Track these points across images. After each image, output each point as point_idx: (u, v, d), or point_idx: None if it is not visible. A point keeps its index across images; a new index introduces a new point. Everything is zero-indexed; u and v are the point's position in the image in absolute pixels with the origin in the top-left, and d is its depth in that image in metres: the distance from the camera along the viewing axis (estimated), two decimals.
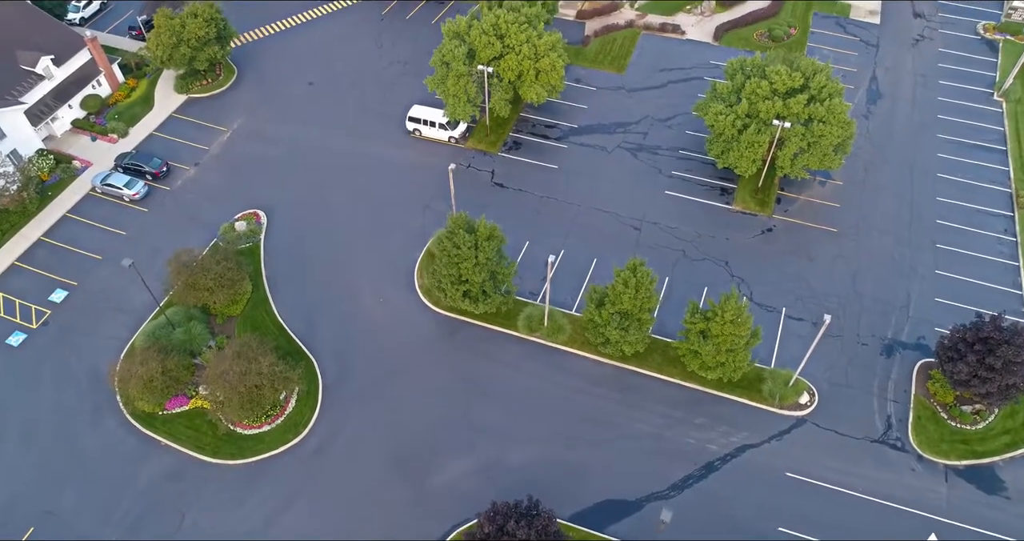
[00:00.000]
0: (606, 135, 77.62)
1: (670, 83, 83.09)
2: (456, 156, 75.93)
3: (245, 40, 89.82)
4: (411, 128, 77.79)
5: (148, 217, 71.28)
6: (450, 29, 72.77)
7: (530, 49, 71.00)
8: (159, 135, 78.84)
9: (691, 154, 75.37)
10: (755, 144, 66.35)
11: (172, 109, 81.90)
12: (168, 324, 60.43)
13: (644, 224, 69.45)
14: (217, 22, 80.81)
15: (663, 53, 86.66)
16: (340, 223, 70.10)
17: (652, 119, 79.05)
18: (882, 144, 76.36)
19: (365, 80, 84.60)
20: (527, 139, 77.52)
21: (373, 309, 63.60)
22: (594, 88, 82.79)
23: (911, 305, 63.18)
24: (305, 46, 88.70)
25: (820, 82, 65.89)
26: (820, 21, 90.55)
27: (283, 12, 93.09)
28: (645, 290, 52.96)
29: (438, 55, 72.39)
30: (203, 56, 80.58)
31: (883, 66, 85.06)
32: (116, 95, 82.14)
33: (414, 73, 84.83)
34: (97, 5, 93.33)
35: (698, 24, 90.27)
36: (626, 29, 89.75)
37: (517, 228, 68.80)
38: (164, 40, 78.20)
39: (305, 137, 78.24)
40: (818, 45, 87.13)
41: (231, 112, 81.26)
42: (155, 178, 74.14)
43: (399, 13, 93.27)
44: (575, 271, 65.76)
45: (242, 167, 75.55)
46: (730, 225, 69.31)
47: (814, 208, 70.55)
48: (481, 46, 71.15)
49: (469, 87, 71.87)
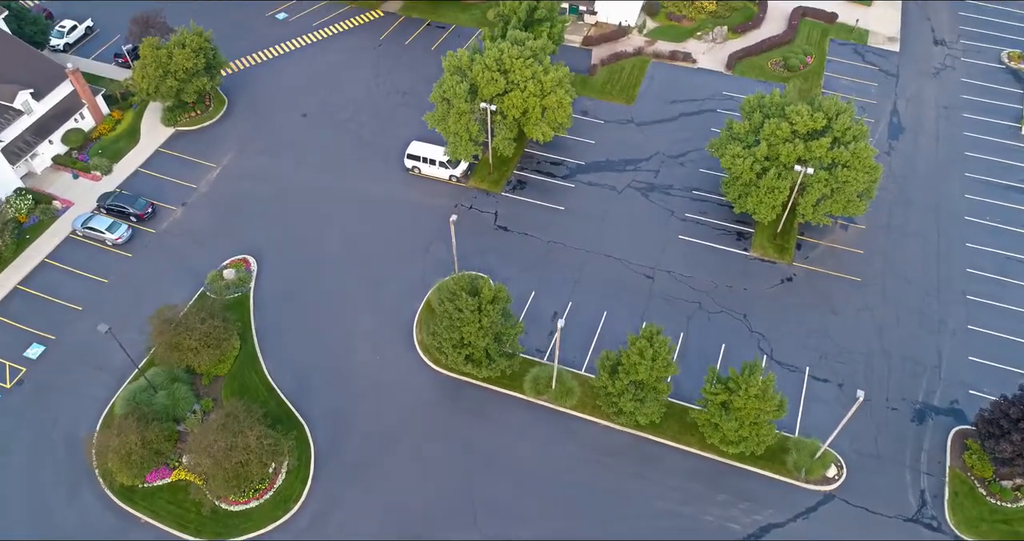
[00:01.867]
0: (615, 173, 73.72)
1: (682, 116, 79.20)
2: (457, 196, 72.05)
3: (237, 67, 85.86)
4: (410, 165, 73.88)
5: (132, 263, 67.32)
6: (451, 63, 68.82)
7: (536, 86, 67.07)
8: (145, 172, 74.85)
9: (705, 195, 71.50)
10: (775, 190, 62.50)
11: (159, 143, 77.90)
12: (149, 387, 56.43)
13: (657, 272, 65.55)
14: (206, 52, 76.83)
15: (674, 83, 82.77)
16: (334, 270, 66.17)
17: (663, 156, 75.15)
18: (906, 183, 72.51)
19: (362, 111, 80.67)
20: (532, 177, 73.61)
21: (369, 367, 59.68)
22: (602, 121, 78.88)
23: (943, 364, 59.33)
24: (299, 74, 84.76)
25: (844, 123, 62.06)
26: (837, 48, 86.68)
27: (277, 38, 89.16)
28: (663, 360, 49.08)
29: (438, 91, 68.44)
30: (191, 88, 76.61)
31: (904, 97, 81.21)
32: (100, 128, 78.13)
33: (413, 104, 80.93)
34: (82, 30, 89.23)
35: (710, 52, 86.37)
36: (635, 57, 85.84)
37: (522, 276, 65.02)
38: (150, 72, 74.21)
39: (298, 174, 74.31)
40: (836, 75, 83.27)
41: (221, 146, 77.29)
42: (139, 220, 70.20)
43: (397, 38, 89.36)
44: (584, 325, 61.88)
45: (232, 207, 71.59)
46: (748, 274, 65.43)
47: (836, 255, 66.68)
48: (484, 82, 67.21)
49: (471, 125, 67.96)
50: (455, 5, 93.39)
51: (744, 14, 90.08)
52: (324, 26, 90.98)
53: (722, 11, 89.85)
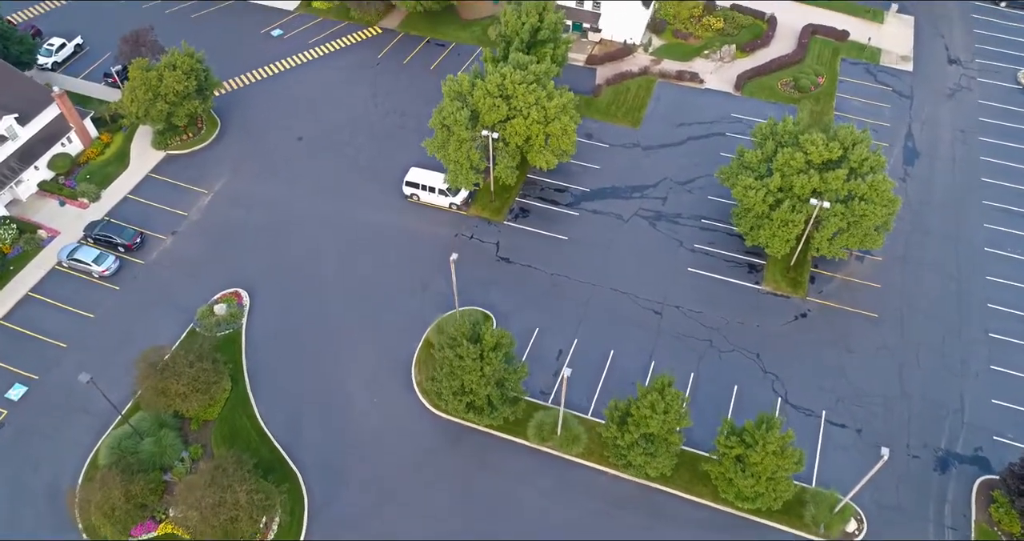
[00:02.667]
0: (621, 201, 71.13)
1: (689, 139, 76.61)
2: (457, 225, 69.46)
3: (231, 86, 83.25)
4: (408, 193, 71.25)
5: (119, 296, 64.70)
6: (451, 89, 66.21)
7: (539, 112, 64.47)
8: (134, 198, 72.21)
9: (715, 224, 68.93)
10: (789, 223, 59.95)
11: (149, 168, 75.26)
12: (135, 434, 53.81)
13: (666, 307, 62.96)
14: (198, 73, 74.22)
15: (681, 104, 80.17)
16: (330, 305, 63.56)
17: (671, 182, 72.57)
18: (922, 212, 69.96)
19: (359, 134, 78.07)
20: (535, 205, 71.01)
21: (366, 411, 57.09)
22: (607, 145, 76.30)
23: (965, 408, 56.78)
24: (294, 94, 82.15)
25: (861, 154, 59.51)
26: (849, 68, 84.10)
27: (272, 55, 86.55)
28: (675, 413, 46.45)
29: (438, 117, 65.83)
30: (182, 111, 74.01)
31: (919, 120, 78.64)
32: (88, 152, 75.50)
33: (412, 126, 78.36)
34: (71, 49, 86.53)
35: (717, 71, 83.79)
36: (640, 77, 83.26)
37: (525, 311, 62.49)
38: (139, 95, 71.61)
39: (293, 201, 71.70)
40: (848, 96, 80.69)
41: (213, 171, 74.67)
42: (127, 250, 67.56)
43: (395, 56, 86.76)
44: (590, 365, 59.31)
45: (224, 236, 68.98)
46: (760, 309, 62.86)
47: (852, 289, 64.11)
48: (485, 109, 64.62)
49: (472, 153, 65.36)
50: (455, 22, 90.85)
51: (753, 32, 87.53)
52: (321, 43, 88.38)
53: (730, 29, 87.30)
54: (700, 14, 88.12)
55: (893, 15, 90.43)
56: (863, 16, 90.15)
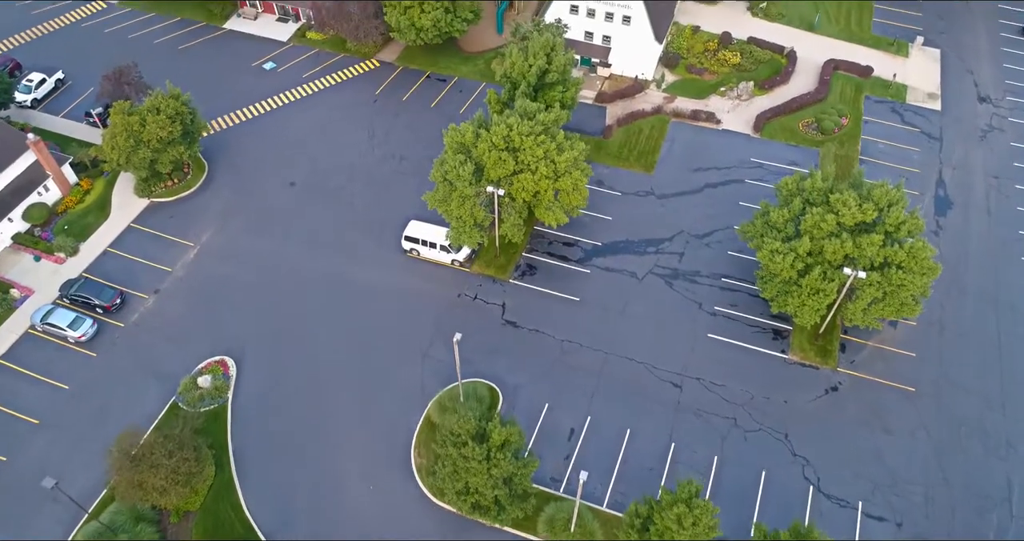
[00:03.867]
0: (635, 256, 66.54)
1: (707, 187, 72.03)
2: (460, 284, 64.88)
3: (220, 125, 78.64)
4: (408, 247, 66.64)
5: (96, 365, 60.13)
6: (453, 139, 61.55)
7: (548, 167, 59.85)
8: (114, 252, 67.60)
9: (736, 283, 64.38)
10: (820, 292, 55.35)
11: (131, 217, 70.66)
12: (108, 530, 49.18)
13: (685, 380, 58.39)
14: (183, 117, 69.59)
15: (697, 147, 75.58)
16: (322, 375, 59.03)
17: (688, 235, 68.00)
18: (958, 269, 65.40)
19: (355, 179, 73.49)
20: (543, 261, 66.42)
21: (362, 500, 52.50)
22: (619, 193, 71.73)
23: (1013, 497, 52.26)
24: (287, 134, 77.57)
25: (897, 217, 54.92)
26: (873, 107, 79.50)
27: (264, 91, 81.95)
28: (705, 527, 41.82)
29: (439, 170, 61.22)
30: (166, 158, 69.42)
31: (950, 165, 74.08)
32: (67, 201, 70.91)
33: (411, 170, 73.81)
34: (52, 83, 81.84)
35: (734, 110, 79.17)
36: (653, 116, 78.63)
37: (533, 384, 58.02)
38: (120, 142, 66.99)
39: (284, 255, 67.14)
40: (873, 138, 76.11)
41: (200, 221, 70.05)
42: (106, 312, 62.91)
43: (394, 92, 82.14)
44: (605, 447, 54.81)
45: (210, 295, 64.40)
46: (787, 381, 58.32)
47: (885, 358, 59.55)
48: (490, 163, 60.01)
49: (476, 211, 60.74)
50: (456, 56, 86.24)
51: (771, 67, 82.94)
52: (316, 78, 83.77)
53: (747, 64, 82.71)
54: (715, 48, 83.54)
55: (918, 48, 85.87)
56: (887, 49, 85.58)
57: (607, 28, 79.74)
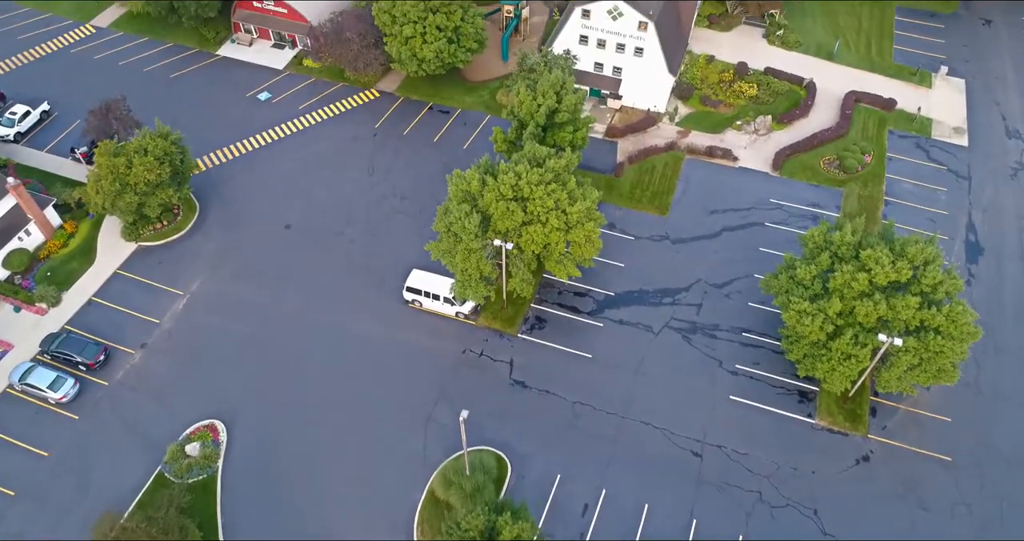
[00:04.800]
0: (650, 308, 62.84)
1: (724, 231, 68.34)
2: (465, 338, 61.22)
3: (212, 161, 74.94)
4: (409, 298, 62.94)
5: (78, 428, 56.51)
6: (458, 187, 57.84)
7: (559, 218, 56.14)
8: (99, 302, 63.92)
9: (758, 338, 60.72)
10: (852, 357, 51.67)
11: (118, 263, 66.99)
12: None
13: (706, 447, 54.72)
14: (172, 157, 65.87)
15: (713, 186, 71.89)
16: (320, 442, 55.47)
17: (706, 284, 64.32)
18: (993, 324, 61.70)
19: (354, 221, 69.81)
20: (553, 313, 62.74)
21: None
22: (632, 237, 68.05)
23: None
24: (283, 171, 73.90)
25: (934, 276, 51.24)
26: (897, 143, 75.81)
27: (258, 124, 78.29)
28: None
29: (443, 220, 57.54)
30: (155, 201, 65.74)
31: (980, 207, 70.40)
32: (49, 245, 67.20)
33: (412, 211, 70.15)
34: (36, 116, 78.13)
35: (752, 146, 75.45)
36: (667, 153, 74.87)
37: (544, 452, 54.54)
38: (105, 186, 63.32)
39: (279, 305, 63.48)
40: (899, 177, 72.43)
41: (190, 267, 66.38)
42: (89, 369, 59.22)
43: (395, 126, 78.45)
44: (621, 523, 51.34)
45: (199, 351, 60.74)
46: (815, 449, 54.67)
47: (919, 423, 55.89)
48: (498, 215, 56.31)
49: (482, 264, 57.04)
50: (459, 85, 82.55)
51: (790, 100, 79.22)
52: (313, 109, 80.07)
53: (764, 96, 79.02)
54: (731, 79, 79.81)
55: (942, 78, 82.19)
56: (909, 80, 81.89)
57: (618, 59, 76.09)
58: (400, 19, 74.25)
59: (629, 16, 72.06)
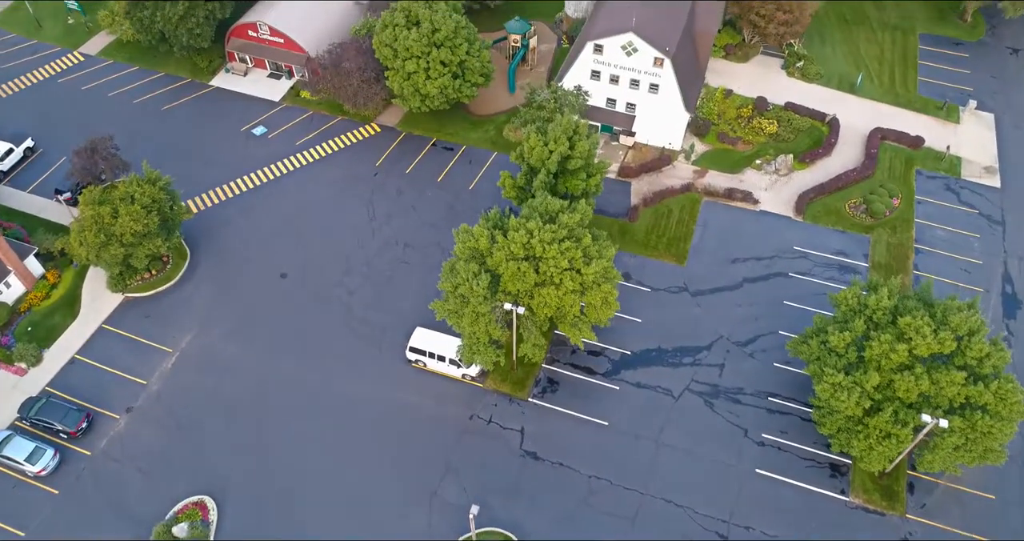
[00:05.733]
0: (669, 368, 59.08)
1: (746, 282, 64.55)
2: (472, 402, 57.51)
3: (204, 203, 71.13)
4: (413, 358, 59.11)
5: (57, 504, 52.82)
6: (465, 244, 53.99)
7: (574, 280, 52.29)
8: (82, 360, 60.19)
9: (785, 404, 56.98)
10: (892, 437, 47.85)
11: (103, 316, 63.22)
12: None
13: (732, 529, 50.96)
14: (161, 204, 62.01)
15: (733, 232, 68.08)
16: (315, 521, 51.72)
17: (728, 342, 60.53)
18: None
19: (353, 270, 66.00)
20: (566, 375, 58.97)
21: None
22: (648, 289, 64.26)
23: None
24: (279, 214, 70.13)
25: (980, 349, 47.54)
26: (926, 184, 71.99)
27: (253, 161, 74.51)
28: None
29: (449, 280, 53.71)
30: (142, 252, 61.90)
31: (1016, 255, 66.63)
32: (31, 297, 63.44)
33: (416, 260, 66.40)
34: (20, 153, 74.30)
35: (773, 187, 71.61)
36: (683, 194, 71.02)
37: (558, 533, 50.95)
38: (89, 238, 59.48)
39: (273, 364, 59.76)
40: (928, 222, 68.67)
41: (180, 321, 62.62)
42: (71, 437, 55.39)
43: (397, 164, 74.64)
44: None
45: (189, 416, 57.07)
46: (850, 530, 51.12)
47: (961, 502, 52.16)
48: (508, 275, 52.49)
49: (492, 328, 53.21)
50: (464, 119, 78.69)
51: (812, 137, 75.36)
52: (310, 145, 76.23)
53: (785, 133, 75.11)
54: (750, 114, 75.93)
55: (971, 112, 78.35)
56: (935, 114, 78.07)
57: (632, 95, 72.27)
58: (402, 53, 70.37)
59: (644, 52, 68.24)
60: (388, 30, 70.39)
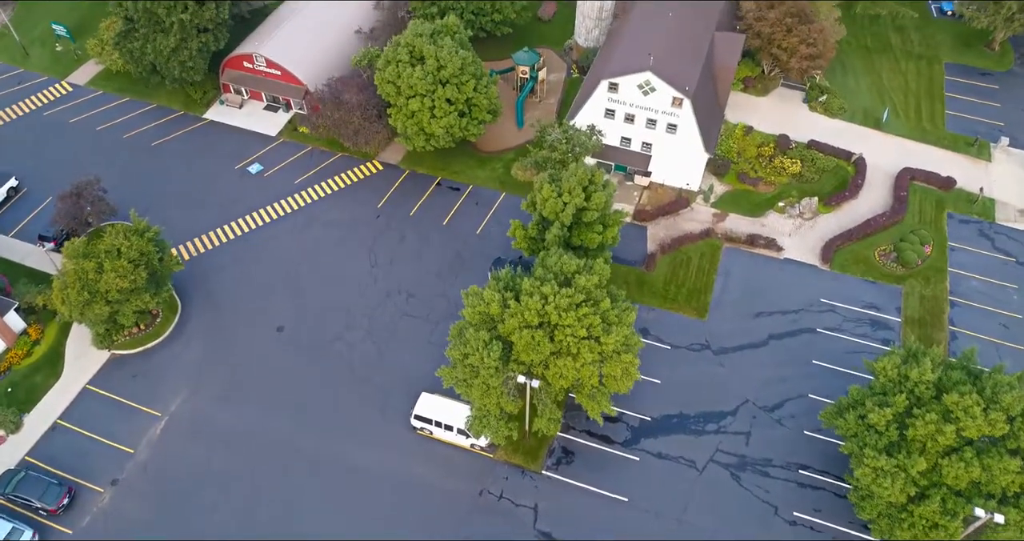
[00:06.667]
0: (692, 437, 55.31)
1: (771, 339, 60.78)
2: (481, 476, 53.75)
3: (196, 248, 67.36)
4: (418, 426, 55.32)
5: None
6: (475, 308, 50.17)
7: (593, 351, 48.46)
8: (65, 426, 56.48)
9: (817, 478, 53.25)
10: (940, 528, 43.99)
11: (88, 376, 59.52)
12: None
13: None
14: (150, 257, 58.17)
15: (756, 282, 64.33)
16: None
17: (754, 406, 56.77)
18: None
19: (354, 324, 62.25)
20: (581, 444, 55.24)
21: None
22: (668, 346, 60.48)
23: None
24: (275, 261, 66.39)
25: None
26: (958, 228, 68.21)
27: (248, 203, 70.79)
28: None
29: (458, 347, 49.90)
30: (129, 309, 58.04)
31: None
32: (11, 356, 59.77)
33: (421, 313, 62.66)
34: (3, 193, 70.60)
35: (797, 232, 67.80)
36: (702, 240, 67.22)
37: None
38: (71, 296, 55.62)
39: (269, 430, 56.09)
40: (963, 272, 64.90)
41: (169, 381, 58.94)
42: (51, 515, 51.57)
43: (400, 205, 70.84)
44: None
45: (178, 489, 53.44)
46: None
47: None
48: (522, 345, 48.68)
49: (503, 401, 49.40)
50: (470, 156, 74.87)
51: (837, 177, 71.55)
52: (309, 184, 72.48)
53: (809, 174, 71.24)
54: (771, 153, 72.09)
55: (1003, 149, 74.60)
56: (966, 151, 74.30)
57: (648, 134, 68.49)
58: (406, 91, 66.53)
59: (662, 91, 64.45)
60: (391, 67, 66.56)
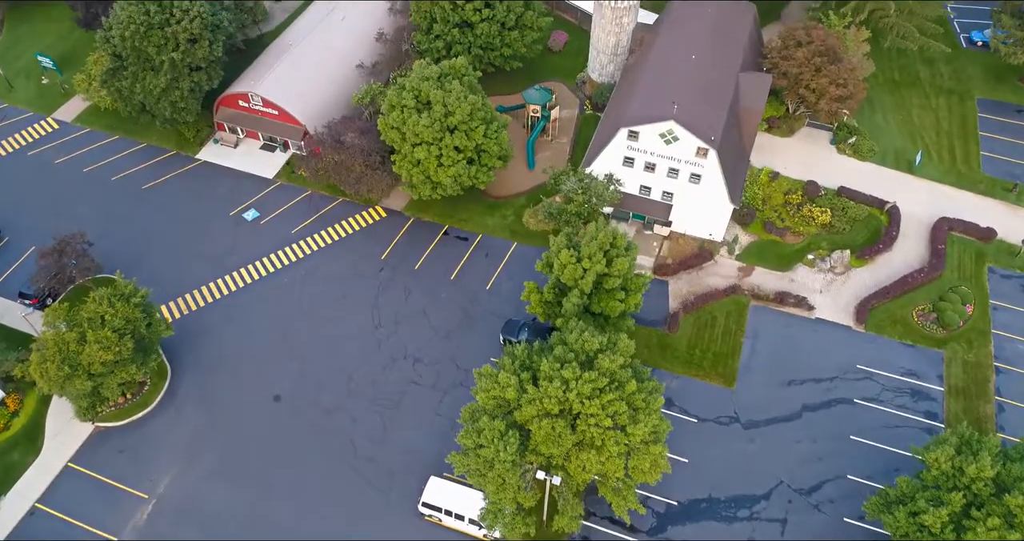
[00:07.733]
0: (723, 525, 51.17)
1: (805, 411, 56.59)
2: None
3: (187, 306, 63.13)
4: (427, 512, 51.02)
5: None
6: (489, 394, 45.98)
7: (619, 443, 44.18)
8: (44, 510, 52.41)
9: None
10: None
11: (70, 453, 55.47)
12: None
13: None
14: (137, 324, 53.88)
15: (787, 346, 60.16)
16: None
17: (789, 489, 52.55)
18: None
19: (356, 393, 58.08)
20: (604, 533, 51.04)
21: None
22: (694, 419, 56.26)
23: None
24: (271, 321, 62.24)
25: None
26: (1000, 285, 64.08)
27: (244, 254, 66.84)
28: None
29: (470, 435, 45.73)
30: (113, 382, 53.79)
31: None
32: None
33: (428, 381, 58.63)
34: None
35: (829, 288, 63.58)
36: (727, 297, 62.97)
37: None
38: (51, 371, 51.34)
39: (264, 513, 52.08)
40: (1008, 334, 60.81)
41: (157, 458, 54.80)
42: None
43: (405, 257, 66.60)
44: None
45: None
46: None
47: None
48: (541, 436, 44.45)
49: (521, 496, 45.11)
50: (479, 202, 70.58)
51: (869, 228, 67.29)
52: (307, 233, 68.31)
53: (839, 224, 66.95)
54: (799, 201, 67.81)
55: None
56: (1004, 198, 70.21)
57: (669, 184, 64.22)
58: (411, 139, 62.25)
59: (686, 141, 60.23)
60: (396, 112, 62.26)
